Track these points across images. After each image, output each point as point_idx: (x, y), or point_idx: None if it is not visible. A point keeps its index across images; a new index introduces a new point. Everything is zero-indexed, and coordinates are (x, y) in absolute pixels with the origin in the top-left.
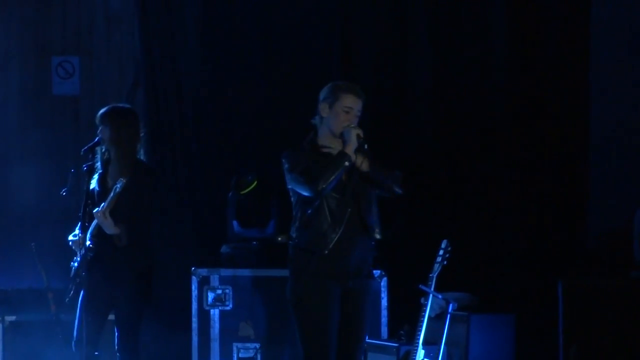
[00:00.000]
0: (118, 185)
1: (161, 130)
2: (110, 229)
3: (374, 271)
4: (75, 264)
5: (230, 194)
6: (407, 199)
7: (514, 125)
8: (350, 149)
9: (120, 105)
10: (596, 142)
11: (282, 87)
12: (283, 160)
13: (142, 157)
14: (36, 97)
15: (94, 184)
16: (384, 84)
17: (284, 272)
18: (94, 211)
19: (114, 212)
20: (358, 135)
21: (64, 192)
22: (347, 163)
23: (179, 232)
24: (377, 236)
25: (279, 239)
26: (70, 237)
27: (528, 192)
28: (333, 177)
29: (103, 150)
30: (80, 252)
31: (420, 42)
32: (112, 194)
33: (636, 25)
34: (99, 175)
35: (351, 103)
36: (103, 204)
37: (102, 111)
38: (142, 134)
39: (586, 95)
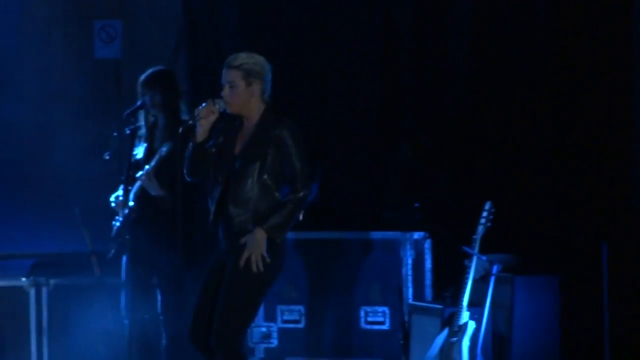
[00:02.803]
0: (164, 149)
1: (203, 94)
2: (156, 190)
3: (414, 234)
4: (117, 224)
5: None
6: (450, 160)
7: (553, 84)
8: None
9: (161, 69)
10: (639, 94)
11: (324, 50)
12: None
13: (185, 117)
14: (79, 61)
15: (140, 152)
16: (425, 47)
17: (329, 235)
18: (137, 175)
19: (159, 175)
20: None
21: (107, 155)
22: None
23: None
24: (249, 226)
25: None
26: (112, 198)
27: (571, 152)
28: (187, 161)
29: (150, 114)
30: (122, 212)
31: (462, 7)
32: (157, 157)
33: None
34: (146, 141)
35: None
36: (147, 166)
37: (148, 76)
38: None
39: (629, 53)
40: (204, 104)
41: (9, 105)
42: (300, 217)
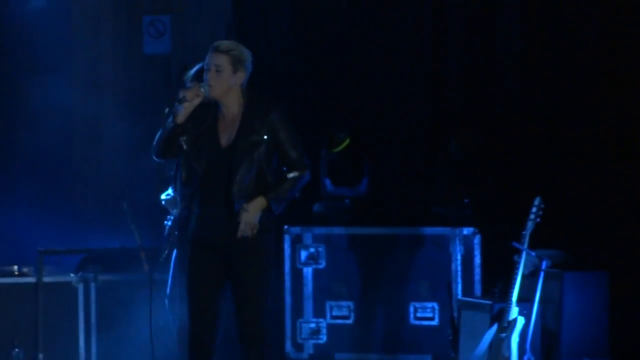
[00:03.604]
0: None
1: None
2: None
3: (463, 230)
4: (169, 223)
5: (323, 151)
6: (499, 156)
7: (605, 79)
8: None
9: None
10: None
11: (374, 44)
12: None
13: None
14: (128, 56)
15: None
16: (474, 43)
17: (378, 231)
18: None
19: None
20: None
21: None
22: (171, 124)
23: None
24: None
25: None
26: (163, 196)
27: (621, 147)
28: (160, 139)
29: None
30: (173, 211)
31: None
32: None
33: None
34: None
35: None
36: None
37: (199, 72)
38: None
39: None
40: (189, 86)
41: (59, 100)
42: (297, 195)
